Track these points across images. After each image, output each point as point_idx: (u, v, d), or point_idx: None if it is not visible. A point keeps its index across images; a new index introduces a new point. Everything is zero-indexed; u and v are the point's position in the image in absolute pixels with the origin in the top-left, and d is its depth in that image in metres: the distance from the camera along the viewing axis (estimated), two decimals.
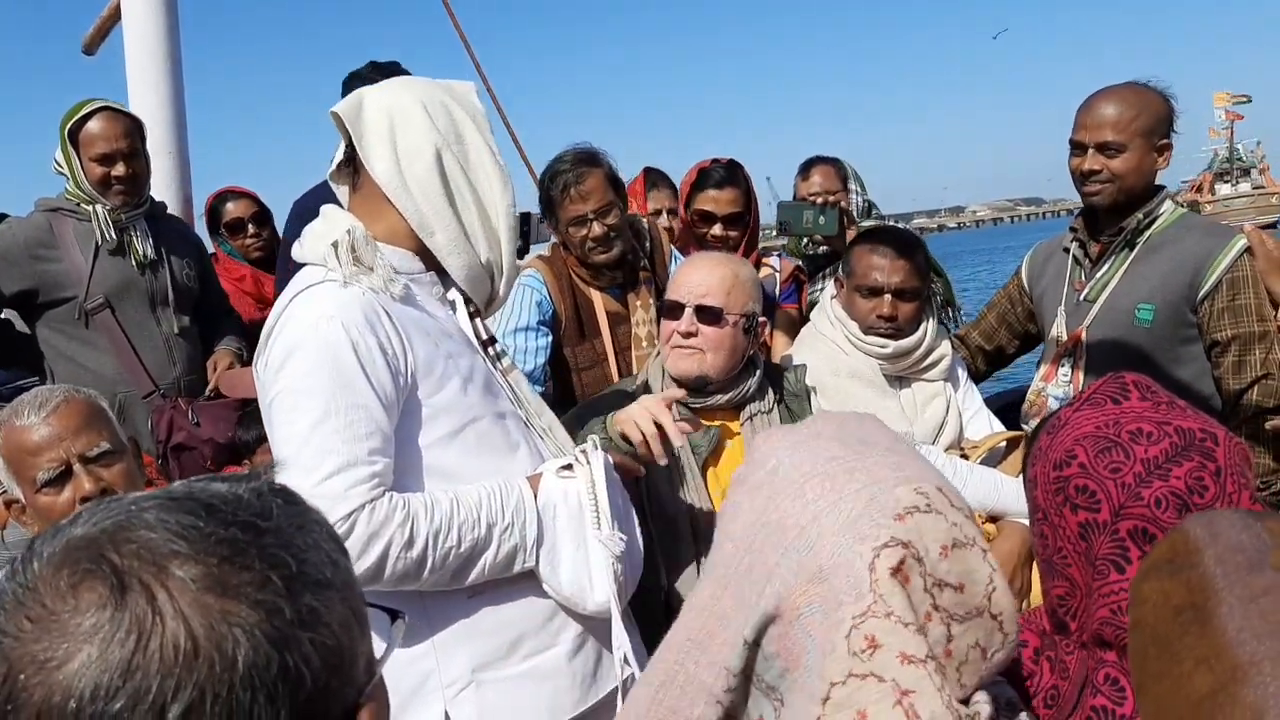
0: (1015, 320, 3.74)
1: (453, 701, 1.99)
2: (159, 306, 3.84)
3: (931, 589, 1.18)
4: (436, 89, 2.13)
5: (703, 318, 2.68)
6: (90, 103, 3.76)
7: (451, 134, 2.09)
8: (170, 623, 0.72)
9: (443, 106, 2.10)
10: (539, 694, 2.05)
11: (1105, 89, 3.21)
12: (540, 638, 2.08)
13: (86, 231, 3.73)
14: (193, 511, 0.79)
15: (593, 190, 3.41)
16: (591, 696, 2.12)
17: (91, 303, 3.71)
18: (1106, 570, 1.34)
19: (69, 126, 3.70)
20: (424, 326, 2.04)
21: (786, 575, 1.23)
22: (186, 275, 3.93)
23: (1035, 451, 1.47)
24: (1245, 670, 0.85)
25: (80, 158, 3.71)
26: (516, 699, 2.03)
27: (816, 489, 1.25)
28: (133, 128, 3.79)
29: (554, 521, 2.05)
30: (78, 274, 3.70)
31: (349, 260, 1.98)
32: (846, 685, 1.15)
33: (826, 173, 4.27)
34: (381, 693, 0.88)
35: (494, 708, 2.01)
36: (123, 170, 3.72)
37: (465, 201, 2.09)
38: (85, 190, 3.72)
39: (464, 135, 2.11)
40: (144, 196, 3.87)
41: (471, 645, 2.02)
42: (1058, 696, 1.46)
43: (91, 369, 3.71)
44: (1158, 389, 1.45)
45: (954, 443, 3.24)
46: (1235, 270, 3.08)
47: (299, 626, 0.78)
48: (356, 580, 0.88)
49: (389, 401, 1.91)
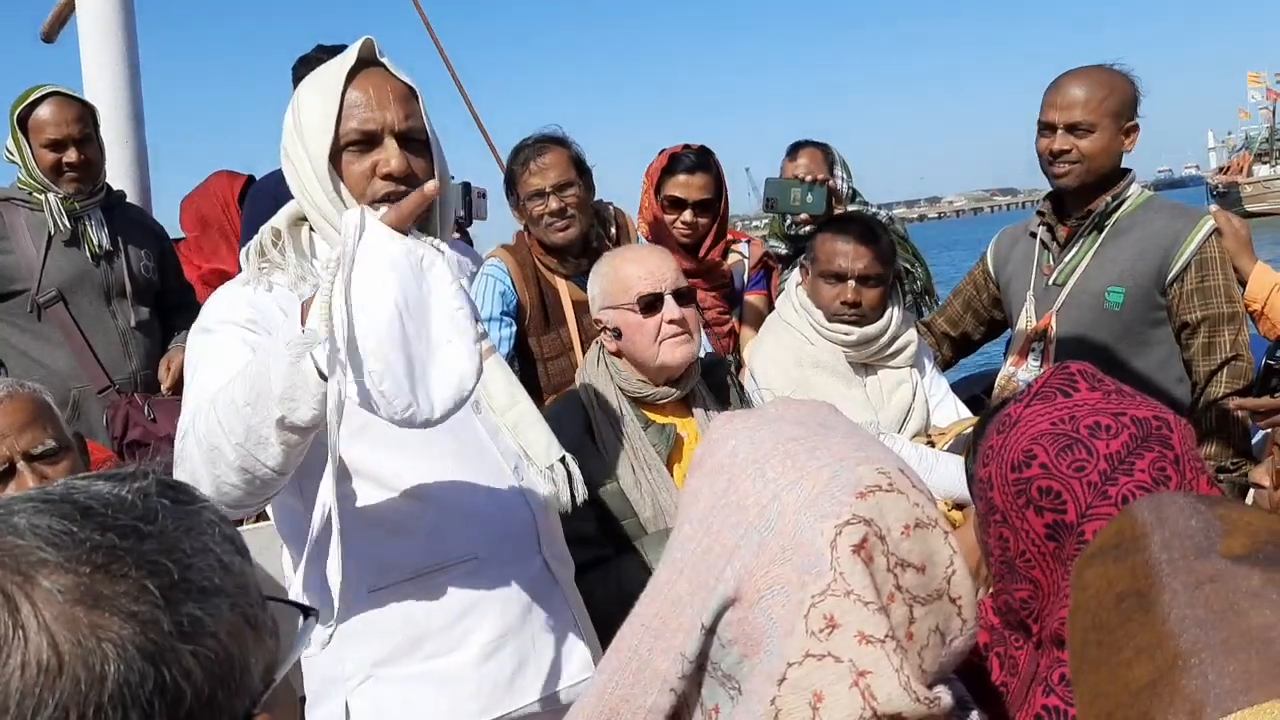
0: (981, 307, 3.73)
1: (352, 694, 1.99)
2: (114, 299, 3.75)
3: (894, 569, 1.15)
4: (313, 76, 1.98)
5: (681, 301, 2.66)
6: (40, 88, 3.68)
7: (296, 125, 1.94)
8: (33, 637, 0.68)
9: (295, 97, 1.98)
10: (439, 695, 2.00)
11: (1073, 70, 3.21)
12: (442, 640, 2.01)
13: (39, 222, 3.64)
14: (67, 516, 0.74)
15: (552, 165, 3.40)
16: (503, 706, 2.04)
17: (44, 295, 3.62)
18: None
19: (18, 113, 3.62)
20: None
21: (747, 556, 1.19)
22: (144, 266, 3.84)
23: (986, 452, 1.42)
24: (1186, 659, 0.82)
25: (31, 145, 3.63)
26: (414, 697, 1.99)
27: (777, 468, 1.22)
28: (84, 113, 3.71)
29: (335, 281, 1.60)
30: (29, 266, 3.61)
31: (256, 262, 1.98)
32: (803, 666, 1.11)
33: (813, 155, 4.24)
34: (285, 697, 0.84)
35: (391, 702, 1.98)
36: (74, 156, 3.63)
37: (299, 187, 1.96)
38: (37, 178, 3.63)
39: (300, 104, 1.95)
40: (99, 184, 3.78)
41: (372, 641, 1.99)
42: (1006, 693, 1.44)
43: (45, 364, 3.63)
44: (1104, 377, 1.42)
45: (921, 429, 3.22)
46: (1204, 251, 3.08)
47: (178, 639, 0.73)
48: (253, 583, 0.83)
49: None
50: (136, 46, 4.50)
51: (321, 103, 1.90)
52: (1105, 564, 0.95)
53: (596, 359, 2.79)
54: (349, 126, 1.89)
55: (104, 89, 4.40)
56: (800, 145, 4.33)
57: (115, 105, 4.41)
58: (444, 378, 1.59)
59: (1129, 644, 0.87)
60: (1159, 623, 0.85)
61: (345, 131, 1.89)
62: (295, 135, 1.93)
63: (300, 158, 1.92)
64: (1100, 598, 0.93)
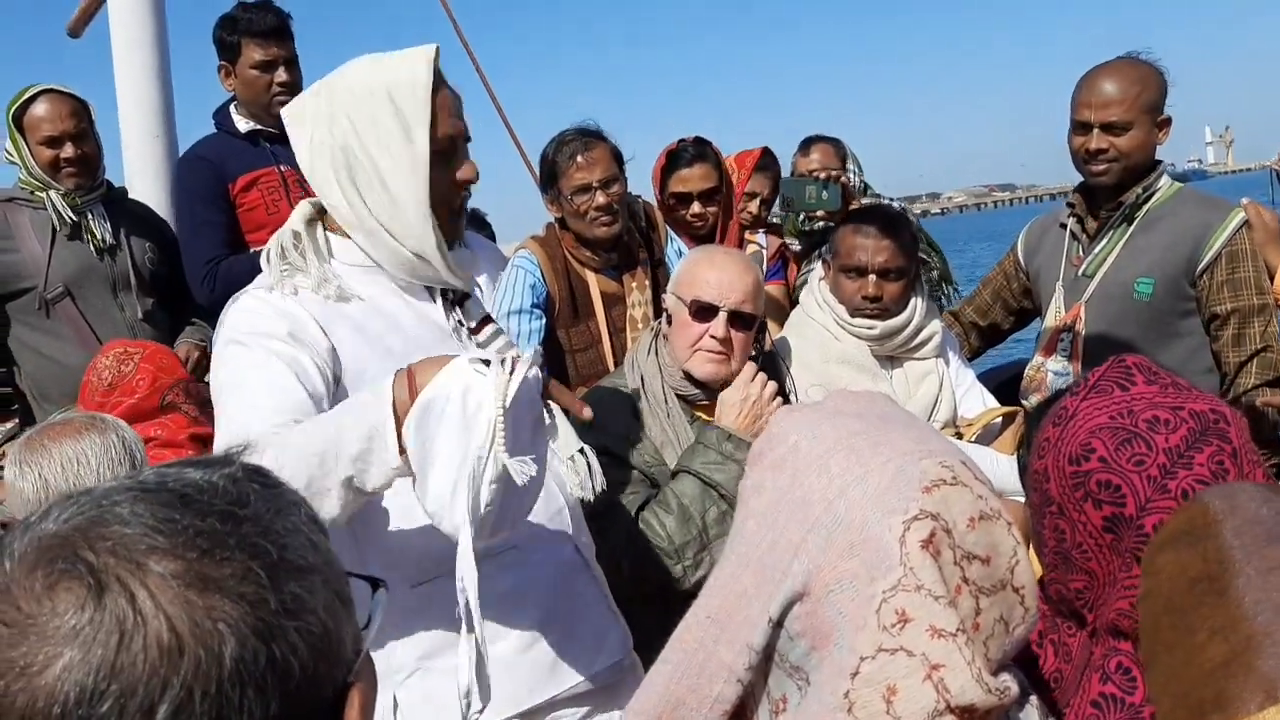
0: (1010, 296, 3.73)
1: (400, 687, 2.00)
2: (121, 291, 3.77)
3: (961, 561, 1.17)
4: (355, 71, 2.01)
5: (735, 324, 2.65)
6: (34, 86, 3.71)
7: (349, 129, 1.96)
8: (152, 621, 0.71)
9: (349, 93, 1.98)
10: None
11: (1104, 65, 3.19)
12: (488, 629, 1.98)
13: (42, 220, 3.67)
14: (167, 503, 0.77)
15: (599, 159, 3.40)
16: (548, 690, 2.07)
17: (51, 292, 3.65)
18: (1131, 564, 1.32)
19: (13, 112, 3.65)
20: (358, 323, 1.97)
21: (814, 551, 1.21)
22: (149, 259, 3.86)
23: (1043, 444, 1.43)
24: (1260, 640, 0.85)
25: (28, 143, 3.66)
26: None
27: (841, 463, 1.24)
28: (79, 108, 3.72)
29: (439, 420, 1.70)
30: (35, 263, 3.64)
31: (278, 265, 1.97)
32: (876, 660, 1.14)
33: (826, 150, 4.26)
34: (369, 667, 0.87)
35: (440, 695, 1.98)
36: (71, 152, 3.65)
37: (376, 196, 1.97)
38: (37, 176, 3.66)
39: (377, 118, 1.96)
40: (98, 179, 3.81)
41: (419, 634, 2.01)
42: (1060, 680, 1.45)
43: (56, 359, 3.66)
44: (1159, 370, 1.43)
45: (948, 420, 3.23)
46: (1234, 243, 3.08)
47: (284, 616, 0.76)
48: (336, 559, 0.87)
49: (309, 391, 1.86)
50: (167, 40, 4.51)
51: (412, 108, 1.93)
52: (1178, 550, 0.98)
53: (649, 348, 2.79)
54: (442, 133, 1.93)
55: (134, 84, 4.41)
56: (813, 140, 4.35)
57: (145, 100, 4.42)
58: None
59: (1203, 626, 0.90)
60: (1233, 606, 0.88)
61: (439, 138, 1.93)
62: (374, 138, 1.94)
63: (386, 163, 1.94)
64: (1173, 582, 0.96)
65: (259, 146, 3.87)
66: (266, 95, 3.83)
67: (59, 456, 2.18)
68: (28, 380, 3.76)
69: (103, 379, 3.04)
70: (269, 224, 3.68)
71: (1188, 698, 0.90)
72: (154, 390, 3.04)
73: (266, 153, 3.86)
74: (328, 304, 1.96)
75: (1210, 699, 0.87)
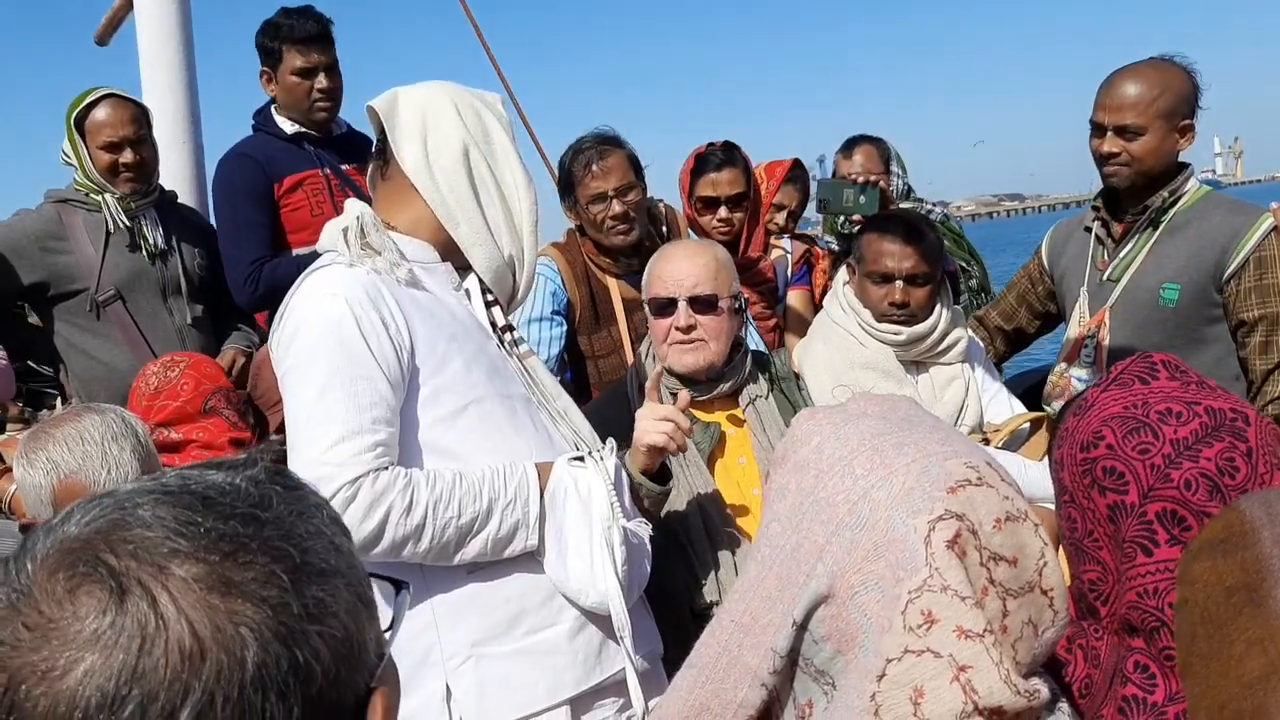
0: (1035, 300, 3.70)
1: (453, 674, 2.04)
2: (170, 296, 3.80)
3: (987, 562, 1.16)
4: (467, 93, 2.27)
5: (698, 308, 2.66)
6: (96, 90, 3.73)
7: (480, 133, 2.21)
8: (174, 625, 0.70)
9: (472, 108, 2.22)
10: (538, 670, 2.08)
11: (1127, 67, 3.16)
12: (541, 615, 2.10)
13: (96, 222, 3.70)
14: (189, 506, 0.76)
15: (614, 167, 3.39)
16: (595, 676, 2.13)
17: (103, 294, 3.68)
18: (1134, 554, 1.31)
19: (75, 115, 3.67)
20: (428, 309, 2.11)
21: (838, 553, 1.21)
22: (198, 264, 3.89)
23: (1062, 433, 1.43)
24: None
25: (88, 146, 3.67)
26: (515, 674, 2.06)
27: (865, 464, 1.23)
28: (139, 114, 3.75)
29: (564, 507, 2.08)
30: (88, 265, 3.67)
31: (357, 243, 2.08)
32: (903, 661, 1.13)
33: (869, 152, 4.22)
34: (392, 671, 0.86)
35: (493, 681, 2.05)
36: (130, 157, 3.68)
37: (490, 197, 2.20)
38: (94, 179, 3.68)
39: (491, 136, 2.23)
40: (153, 184, 3.83)
41: (472, 620, 2.06)
42: (1091, 686, 1.44)
43: (104, 361, 3.69)
44: (1187, 368, 1.42)
45: (975, 426, 3.21)
46: (1262, 249, 3.05)
47: (306, 620, 0.75)
48: (359, 561, 0.86)
49: (393, 375, 2.00)
50: (193, 48, 4.54)
51: (510, 138, 2.28)
52: (1214, 558, 0.96)
53: (646, 351, 2.83)
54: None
55: (160, 91, 4.43)
56: (856, 141, 4.30)
57: (172, 107, 4.44)
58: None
59: (1240, 637, 0.88)
60: (1272, 617, 0.87)
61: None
62: (492, 151, 2.24)
63: (507, 177, 2.24)
64: (1209, 591, 0.95)
65: (303, 149, 3.91)
66: (307, 101, 3.88)
67: (61, 437, 2.22)
68: (75, 381, 3.78)
69: (149, 384, 3.14)
70: (312, 225, 3.70)
71: (1224, 710, 0.88)
72: (197, 394, 3.13)
73: (311, 155, 3.91)
74: (399, 286, 2.09)
75: (1249, 712, 0.86)
